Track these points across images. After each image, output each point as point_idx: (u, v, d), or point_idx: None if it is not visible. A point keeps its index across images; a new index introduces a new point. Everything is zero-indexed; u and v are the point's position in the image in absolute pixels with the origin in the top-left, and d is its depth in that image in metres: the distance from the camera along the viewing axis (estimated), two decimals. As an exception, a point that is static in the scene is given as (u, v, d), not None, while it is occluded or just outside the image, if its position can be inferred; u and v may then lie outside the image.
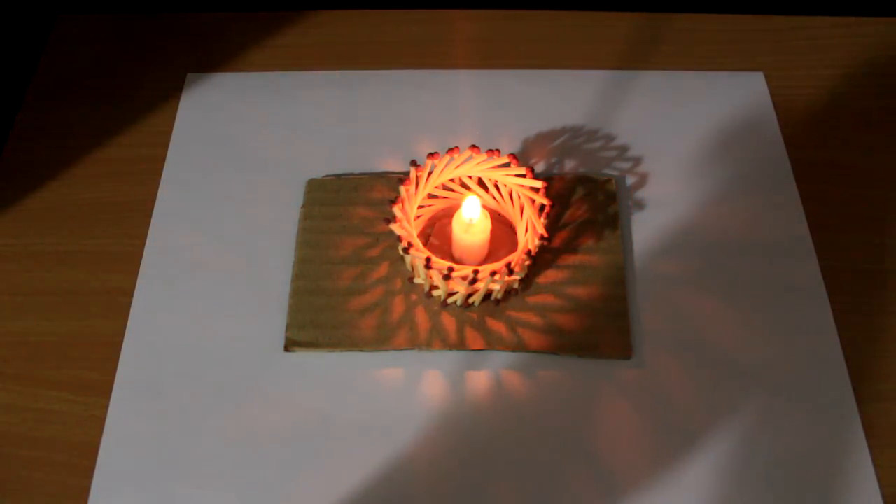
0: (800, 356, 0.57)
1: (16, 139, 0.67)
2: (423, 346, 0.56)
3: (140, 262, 0.61)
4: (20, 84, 0.70)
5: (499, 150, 0.58)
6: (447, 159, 0.58)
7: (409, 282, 0.59)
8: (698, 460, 0.53)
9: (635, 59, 0.72)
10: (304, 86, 0.70)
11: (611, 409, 0.55)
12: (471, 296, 0.57)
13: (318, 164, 0.65)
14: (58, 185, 0.65)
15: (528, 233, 0.56)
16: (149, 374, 0.56)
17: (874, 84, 0.71)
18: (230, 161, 0.65)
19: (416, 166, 0.57)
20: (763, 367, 0.56)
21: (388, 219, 0.57)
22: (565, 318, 0.58)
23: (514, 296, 0.58)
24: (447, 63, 0.71)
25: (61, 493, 0.52)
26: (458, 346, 0.57)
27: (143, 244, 0.61)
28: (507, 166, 0.58)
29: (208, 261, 0.61)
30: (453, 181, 0.60)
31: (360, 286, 0.59)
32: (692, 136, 0.67)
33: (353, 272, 0.59)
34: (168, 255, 0.61)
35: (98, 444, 0.53)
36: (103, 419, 0.54)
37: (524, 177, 0.57)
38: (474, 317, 0.58)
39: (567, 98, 0.69)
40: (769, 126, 0.68)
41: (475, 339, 0.57)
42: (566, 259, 0.60)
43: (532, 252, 0.55)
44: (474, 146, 0.58)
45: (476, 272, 0.53)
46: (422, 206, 0.60)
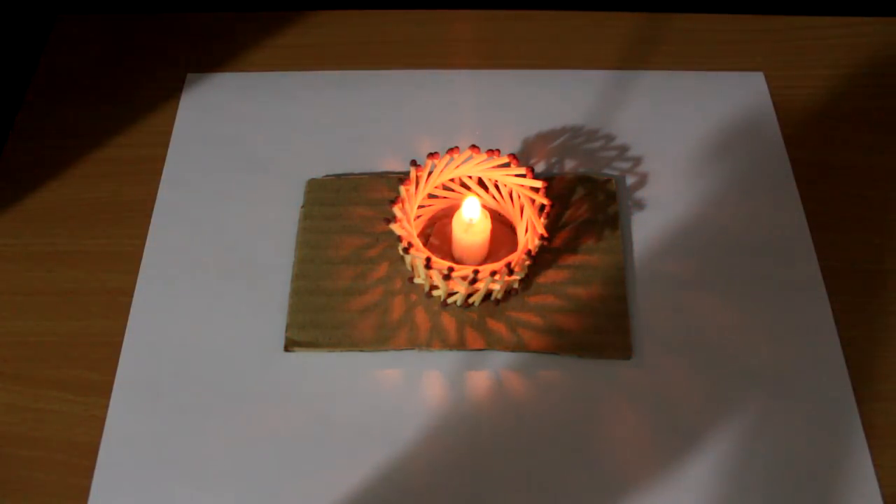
0: (800, 356, 0.57)
1: (16, 139, 0.67)
2: (423, 347, 0.56)
3: (140, 262, 0.61)
4: (20, 84, 0.70)
5: (499, 150, 0.58)
6: (447, 159, 0.58)
7: (409, 282, 0.59)
8: (698, 460, 0.53)
9: (635, 59, 0.72)
10: (304, 86, 0.70)
11: (611, 409, 0.55)
12: (471, 296, 0.57)
13: (318, 164, 0.65)
14: (58, 185, 0.65)
15: (528, 233, 0.56)
16: (149, 374, 0.56)
17: (874, 84, 0.71)
18: (230, 161, 0.65)
19: (416, 166, 0.57)
20: (763, 367, 0.56)
21: (389, 219, 0.57)
22: (565, 318, 0.58)
23: (514, 296, 0.58)
24: (447, 63, 0.71)
25: (61, 493, 0.52)
26: (458, 346, 0.57)
27: (143, 244, 0.61)
28: (507, 166, 0.58)
29: (208, 261, 0.61)
30: (453, 181, 0.60)
31: (360, 286, 0.59)
32: (692, 136, 0.67)
33: (353, 272, 0.59)
34: (168, 255, 0.61)
35: (98, 444, 0.53)
36: (103, 419, 0.54)
37: (524, 177, 0.57)
38: (474, 317, 0.58)
39: (567, 98, 0.69)
40: (769, 126, 0.68)
41: (475, 339, 0.57)
42: (566, 259, 0.60)
43: (532, 252, 0.55)
44: (474, 146, 0.58)
45: (476, 272, 0.53)
46: (422, 206, 0.60)
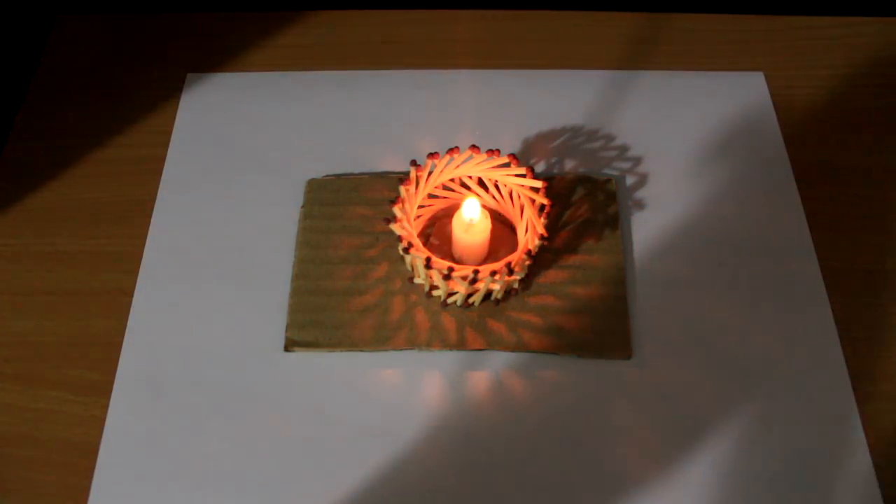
0: (800, 356, 0.57)
1: (16, 139, 0.67)
2: (422, 347, 0.56)
3: (140, 262, 0.60)
4: (20, 84, 0.70)
5: (499, 150, 0.58)
6: (447, 159, 0.58)
7: (409, 282, 0.59)
8: (698, 460, 0.53)
9: (635, 59, 0.72)
10: (304, 86, 0.70)
11: (611, 409, 0.55)
12: (471, 296, 0.57)
13: (318, 164, 0.65)
14: (58, 185, 0.65)
15: (528, 233, 0.56)
16: (149, 374, 0.56)
17: (874, 84, 0.71)
18: (230, 161, 0.65)
19: (416, 166, 0.57)
20: (763, 367, 0.56)
21: (389, 219, 0.57)
22: (565, 318, 0.58)
23: (514, 296, 0.58)
24: (447, 63, 0.71)
25: (61, 493, 0.52)
26: (458, 347, 0.57)
27: (143, 244, 0.61)
28: (507, 166, 0.58)
29: (208, 261, 0.61)
30: (453, 181, 0.60)
31: (360, 286, 0.59)
32: (692, 136, 0.67)
33: (353, 272, 0.59)
34: (168, 255, 0.61)
35: (98, 444, 0.53)
36: (103, 419, 0.54)
37: (524, 177, 0.57)
38: (474, 317, 0.58)
39: (567, 98, 0.69)
40: (769, 126, 0.68)
41: (475, 340, 0.57)
42: (566, 259, 0.60)
43: (532, 252, 0.55)
44: (474, 146, 0.58)
45: (476, 272, 0.53)
46: (422, 206, 0.60)
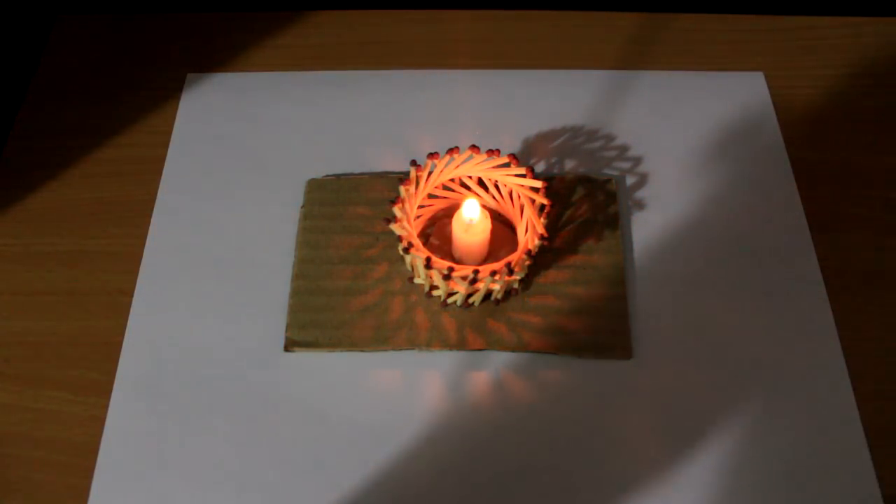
0: (800, 356, 0.57)
1: (16, 139, 0.67)
2: (422, 347, 0.56)
3: (140, 262, 0.61)
4: (20, 84, 0.70)
5: (499, 150, 0.58)
6: (447, 159, 0.58)
7: (408, 282, 0.59)
8: (698, 460, 0.53)
9: (635, 59, 0.72)
10: (304, 86, 0.70)
11: (611, 409, 0.55)
12: (471, 296, 0.57)
13: (318, 164, 0.65)
14: (58, 185, 0.65)
15: (528, 233, 0.56)
16: (149, 374, 0.56)
17: (874, 84, 0.71)
18: (230, 161, 0.65)
19: (416, 166, 0.57)
20: (763, 367, 0.56)
21: (389, 219, 0.57)
22: (565, 318, 0.58)
23: (514, 296, 0.58)
24: (447, 63, 0.71)
25: (61, 493, 0.52)
26: (458, 347, 0.57)
27: (143, 244, 0.61)
28: (507, 166, 0.58)
29: (208, 261, 0.61)
30: (453, 181, 0.60)
31: (359, 286, 0.59)
32: (692, 136, 0.67)
33: (353, 272, 0.59)
34: (168, 255, 0.61)
35: (98, 444, 0.53)
36: (103, 419, 0.54)
37: (524, 177, 0.57)
38: (474, 317, 0.58)
39: (567, 98, 0.69)
40: (769, 126, 0.68)
41: (475, 340, 0.57)
42: (566, 259, 0.60)
43: (532, 252, 0.55)
44: (474, 146, 0.58)
45: (476, 272, 0.53)
46: (422, 206, 0.60)
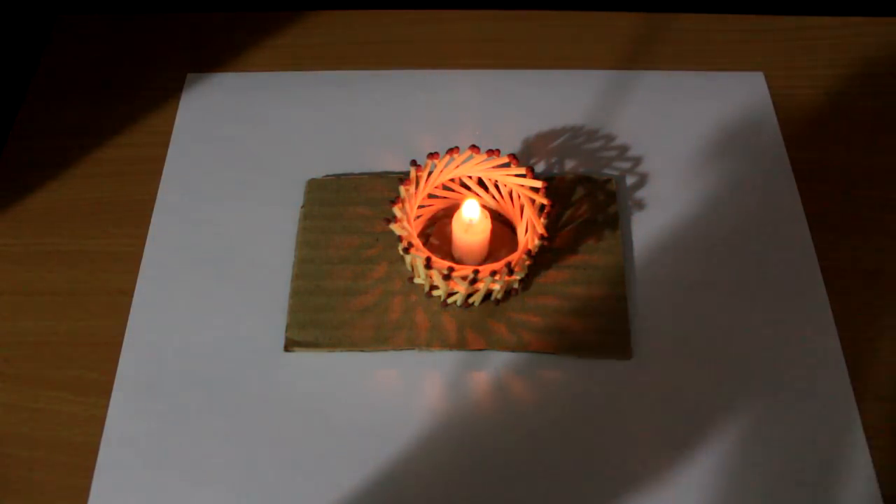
0: (800, 356, 0.57)
1: (16, 139, 0.67)
2: (422, 347, 0.56)
3: (140, 262, 0.61)
4: (20, 84, 0.70)
5: (499, 151, 0.58)
6: (447, 159, 0.58)
7: (408, 282, 0.59)
8: (698, 460, 0.53)
9: (635, 59, 0.72)
10: (304, 86, 0.70)
11: (611, 409, 0.55)
12: (471, 296, 0.57)
13: (318, 164, 0.65)
14: (58, 185, 0.65)
15: (528, 233, 0.56)
16: (149, 374, 0.56)
17: (874, 84, 0.71)
18: (230, 161, 0.65)
19: (417, 166, 0.57)
20: (763, 367, 0.56)
21: (389, 219, 0.57)
22: (565, 318, 0.58)
23: (514, 296, 0.58)
24: (447, 63, 0.71)
25: (61, 493, 0.52)
26: (458, 347, 0.57)
27: (143, 244, 0.61)
28: (507, 166, 0.58)
29: (208, 261, 0.61)
30: (453, 181, 0.60)
31: (359, 286, 0.59)
32: (692, 136, 0.67)
33: (353, 272, 0.59)
34: (168, 255, 0.61)
35: (98, 444, 0.53)
36: (103, 419, 0.54)
37: (524, 177, 0.57)
38: (474, 317, 0.58)
39: (567, 98, 0.69)
40: (769, 126, 0.68)
41: (475, 340, 0.57)
42: (566, 259, 0.60)
43: (532, 252, 0.55)
44: (474, 146, 0.58)
45: (476, 272, 0.53)
46: (422, 206, 0.60)
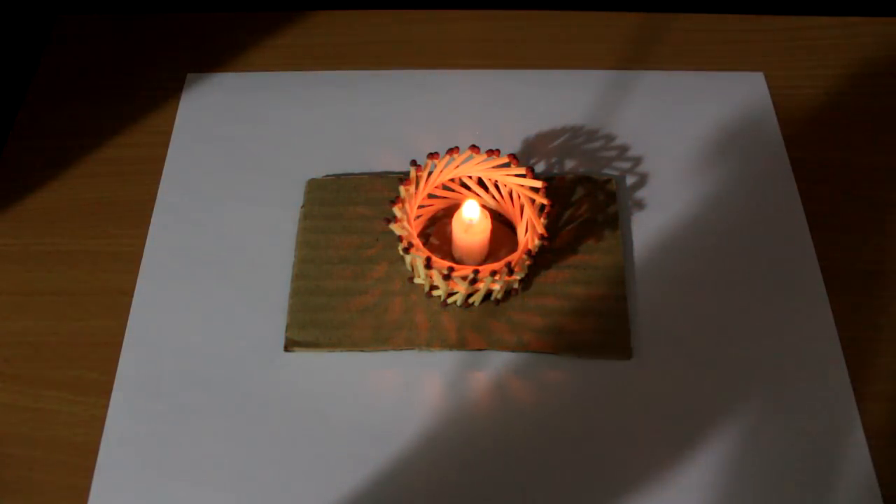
0: (800, 356, 0.57)
1: (16, 139, 0.67)
2: (422, 347, 0.56)
3: (140, 262, 0.61)
4: (20, 84, 0.70)
5: (499, 151, 0.58)
6: (447, 159, 0.58)
7: (408, 282, 0.59)
8: (698, 460, 0.53)
9: (635, 59, 0.72)
10: (304, 86, 0.70)
11: (611, 409, 0.55)
12: (471, 296, 0.57)
13: (318, 164, 0.65)
14: (58, 185, 0.65)
15: (528, 233, 0.56)
16: (149, 374, 0.56)
17: (874, 84, 0.71)
18: (230, 161, 0.65)
19: (417, 166, 0.57)
20: (763, 367, 0.56)
21: (389, 219, 0.57)
22: (565, 319, 0.58)
23: (514, 296, 0.58)
24: (447, 63, 0.71)
25: (61, 493, 0.52)
26: (458, 347, 0.57)
27: (143, 244, 0.61)
28: (507, 166, 0.58)
29: (208, 261, 0.61)
30: (453, 181, 0.60)
31: (359, 286, 0.59)
32: (692, 136, 0.67)
33: (353, 272, 0.59)
34: (168, 255, 0.61)
35: (98, 444, 0.53)
36: (103, 419, 0.54)
37: (524, 177, 0.57)
38: (474, 317, 0.58)
39: (567, 98, 0.69)
40: (769, 126, 0.68)
41: (475, 340, 0.57)
42: (566, 259, 0.60)
43: (532, 252, 0.55)
44: (474, 146, 0.58)
45: (476, 272, 0.53)
46: (422, 206, 0.60)
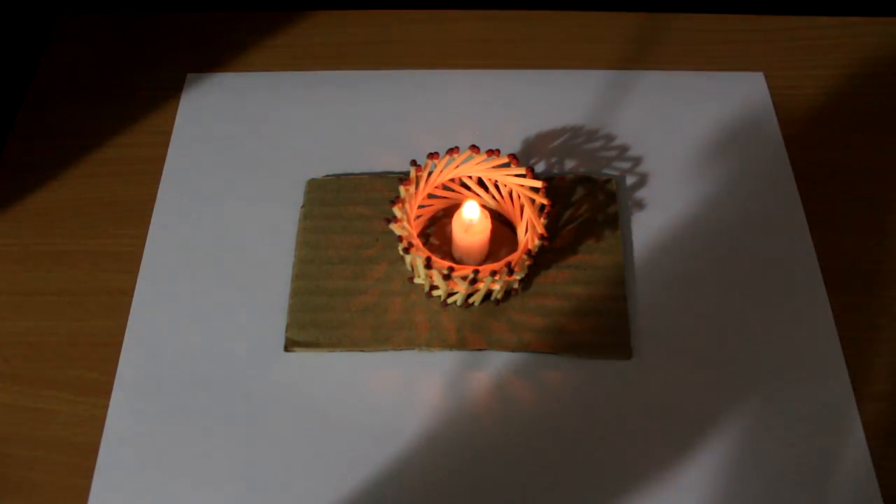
0: (800, 356, 0.57)
1: (16, 139, 0.67)
2: (422, 347, 0.56)
3: (140, 262, 0.61)
4: (20, 84, 0.70)
5: (499, 151, 0.58)
6: (447, 159, 0.57)
7: (408, 282, 0.59)
8: (698, 460, 0.53)
9: (635, 59, 0.72)
10: (304, 86, 0.70)
11: (611, 409, 0.55)
12: (471, 296, 0.57)
13: (318, 164, 0.65)
14: (58, 185, 0.65)
15: (528, 233, 0.56)
16: (149, 374, 0.56)
17: (874, 84, 0.71)
18: (230, 161, 0.65)
19: (417, 166, 0.57)
20: (763, 367, 0.56)
21: (389, 219, 0.57)
22: (565, 318, 0.58)
23: (514, 296, 0.58)
24: (447, 63, 0.71)
25: (61, 493, 0.52)
26: (458, 347, 0.57)
27: (143, 244, 0.61)
28: (507, 166, 0.58)
29: (208, 261, 0.61)
30: (453, 181, 0.60)
31: (359, 286, 0.59)
32: (692, 136, 0.67)
33: (353, 272, 0.59)
34: (168, 255, 0.61)
35: (98, 444, 0.53)
36: (103, 419, 0.54)
37: (524, 177, 0.57)
38: (474, 317, 0.58)
39: (567, 98, 0.69)
40: (769, 126, 0.68)
41: (475, 340, 0.57)
42: (566, 259, 0.60)
43: (532, 252, 0.55)
44: (474, 146, 0.58)
45: (476, 272, 0.53)
46: (422, 206, 0.60)
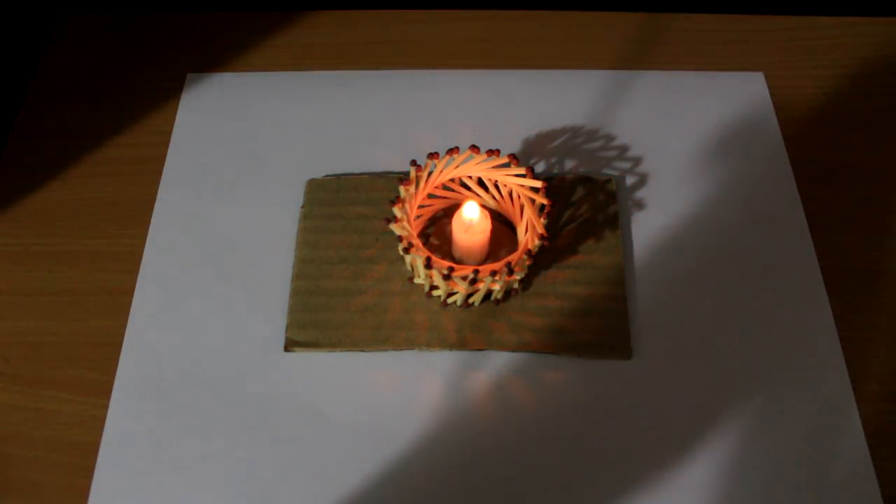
0: (800, 356, 0.57)
1: (16, 139, 0.67)
2: (422, 347, 0.56)
3: (140, 262, 0.61)
4: (20, 84, 0.70)
5: (499, 151, 0.58)
6: (447, 159, 0.57)
7: (408, 282, 0.59)
8: (698, 460, 0.53)
9: (635, 59, 0.72)
10: (304, 86, 0.70)
11: (611, 409, 0.55)
12: (471, 296, 0.57)
13: (318, 164, 0.65)
14: (58, 185, 0.65)
15: (528, 233, 0.56)
16: (149, 374, 0.56)
17: (874, 84, 0.71)
18: (230, 161, 0.65)
19: (416, 166, 0.57)
20: (763, 368, 0.56)
21: (389, 219, 0.57)
22: (565, 319, 0.58)
23: (514, 296, 0.58)
24: (447, 63, 0.71)
25: (61, 493, 0.52)
26: (458, 347, 0.57)
27: (143, 244, 0.61)
28: (507, 166, 0.58)
29: (208, 261, 0.61)
30: (453, 181, 0.60)
31: (359, 286, 0.59)
32: (692, 136, 0.67)
33: (353, 272, 0.59)
34: (168, 255, 0.61)
35: (98, 444, 0.53)
36: (103, 419, 0.54)
37: (524, 177, 0.57)
38: (474, 317, 0.58)
39: (567, 98, 0.69)
40: (769, 126, 0.68)
41: (475, 340, 0.57)
42: (566, 259, 0.60)
43: (532, 252, 0.55)
44: (474, 146, 0.58)
45: (476, 272, 0.53)
46: (422, 206, 0.60)
